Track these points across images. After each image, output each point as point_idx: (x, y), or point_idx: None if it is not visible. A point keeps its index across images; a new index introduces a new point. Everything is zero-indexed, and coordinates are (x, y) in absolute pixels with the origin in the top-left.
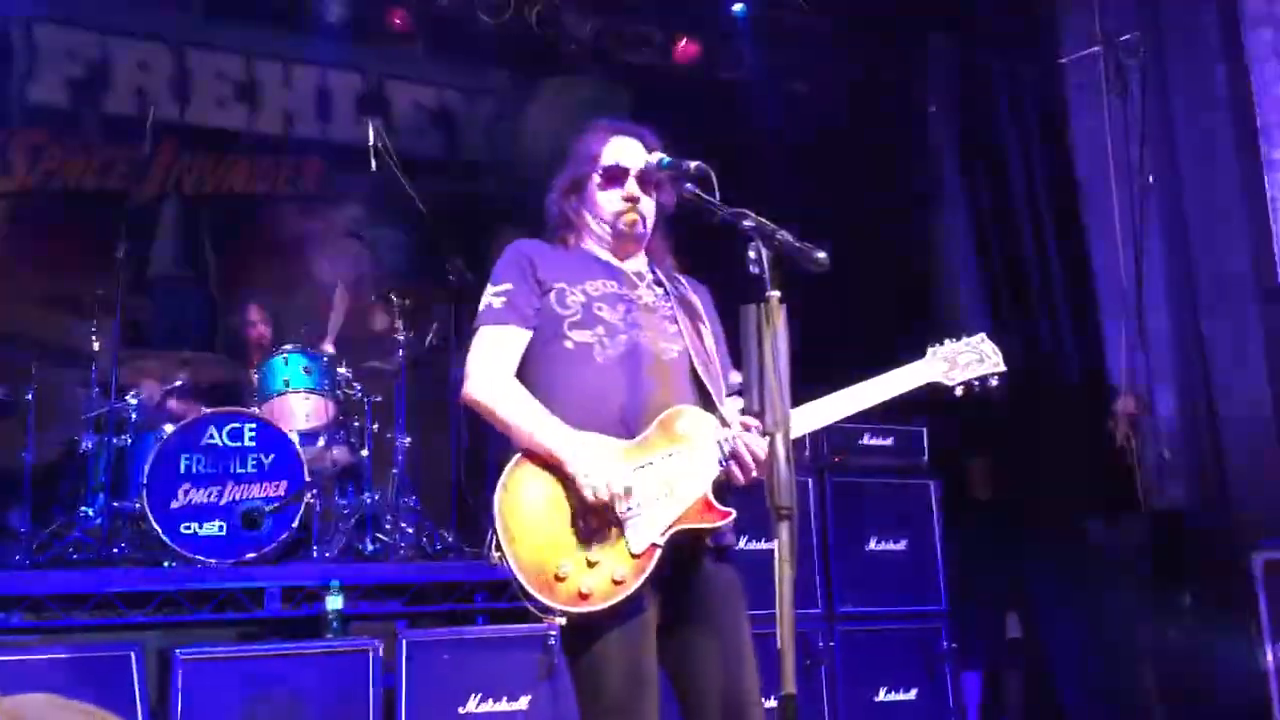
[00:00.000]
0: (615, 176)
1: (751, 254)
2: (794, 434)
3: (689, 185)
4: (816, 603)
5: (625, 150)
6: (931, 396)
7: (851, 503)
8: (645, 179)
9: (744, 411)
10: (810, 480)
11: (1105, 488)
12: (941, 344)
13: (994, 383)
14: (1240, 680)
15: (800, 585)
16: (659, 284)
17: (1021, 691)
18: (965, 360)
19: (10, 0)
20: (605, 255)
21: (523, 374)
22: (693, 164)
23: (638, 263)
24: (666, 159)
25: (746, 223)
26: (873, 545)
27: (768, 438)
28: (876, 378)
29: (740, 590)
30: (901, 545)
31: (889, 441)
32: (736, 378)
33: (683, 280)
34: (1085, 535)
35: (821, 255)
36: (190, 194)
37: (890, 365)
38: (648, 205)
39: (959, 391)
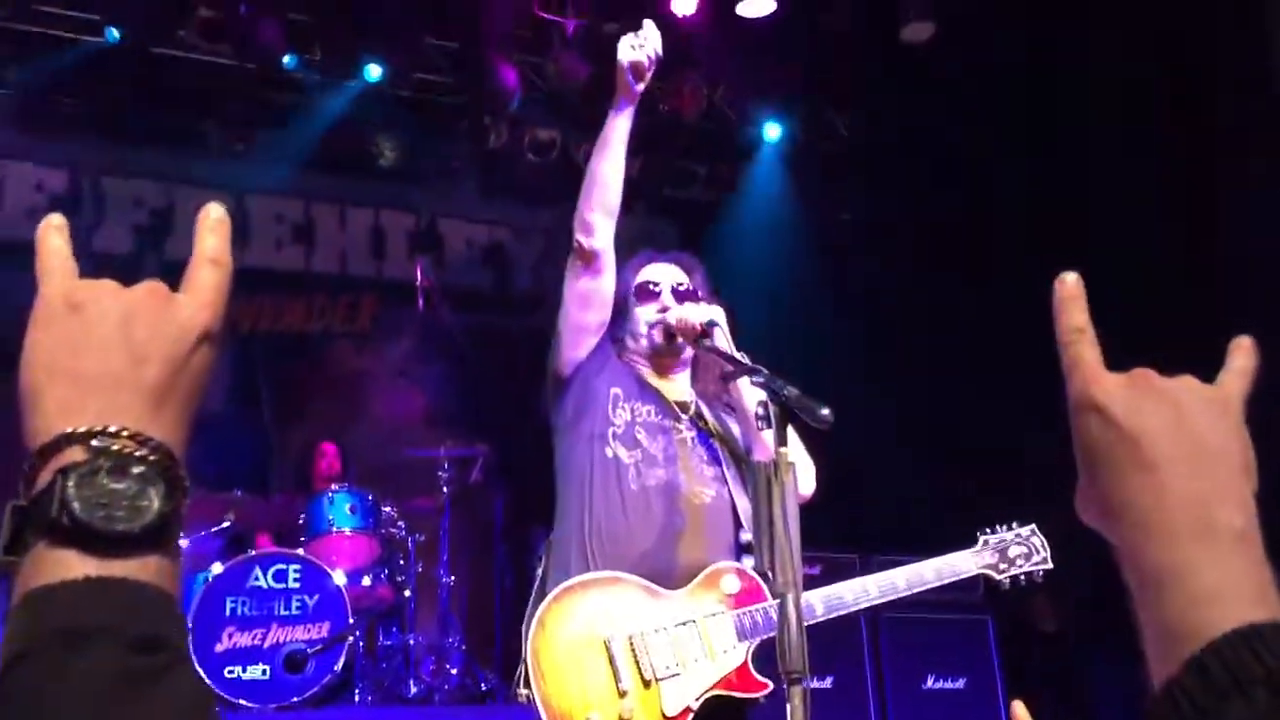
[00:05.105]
0: (649, 292)
1: (760, 410)
2: (837, 610)
3: (705, 340)
4: None
5: (658, 270)
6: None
7: (906, 639)
8: (680, 293)
9: (755, 569)
10: (862, 618)
11: None
12: (992, 531)
13: (1039, 578)
14: None
15: None
16: (700, 417)
17: None
18: (1014, 554)
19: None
20: (649, 376)
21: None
22: (700, 322)
23: (681, 388)
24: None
25: (756, 378)
26: (930, 684)
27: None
28: (926, 562)
29: None
30: (960, 684)
31: None
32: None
33: (726, 410)
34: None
35: (825, 412)
36: (245, 332)
37: None
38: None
39: (1005, 585)
